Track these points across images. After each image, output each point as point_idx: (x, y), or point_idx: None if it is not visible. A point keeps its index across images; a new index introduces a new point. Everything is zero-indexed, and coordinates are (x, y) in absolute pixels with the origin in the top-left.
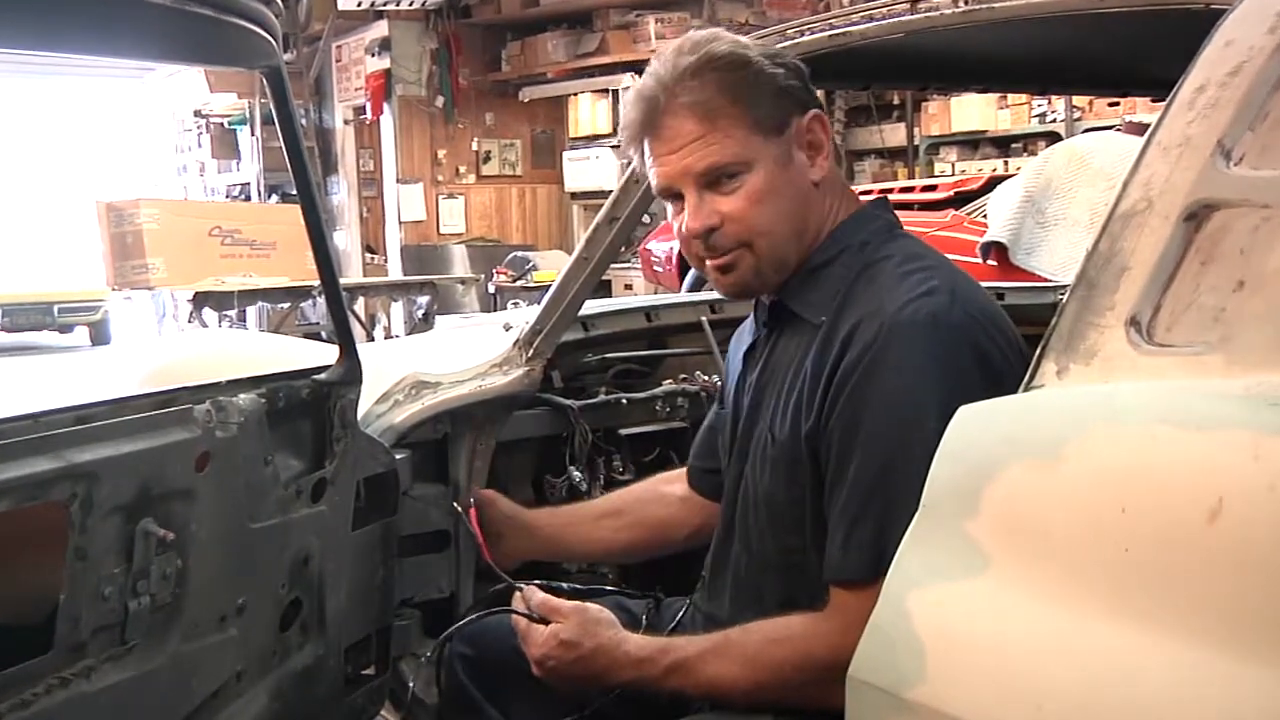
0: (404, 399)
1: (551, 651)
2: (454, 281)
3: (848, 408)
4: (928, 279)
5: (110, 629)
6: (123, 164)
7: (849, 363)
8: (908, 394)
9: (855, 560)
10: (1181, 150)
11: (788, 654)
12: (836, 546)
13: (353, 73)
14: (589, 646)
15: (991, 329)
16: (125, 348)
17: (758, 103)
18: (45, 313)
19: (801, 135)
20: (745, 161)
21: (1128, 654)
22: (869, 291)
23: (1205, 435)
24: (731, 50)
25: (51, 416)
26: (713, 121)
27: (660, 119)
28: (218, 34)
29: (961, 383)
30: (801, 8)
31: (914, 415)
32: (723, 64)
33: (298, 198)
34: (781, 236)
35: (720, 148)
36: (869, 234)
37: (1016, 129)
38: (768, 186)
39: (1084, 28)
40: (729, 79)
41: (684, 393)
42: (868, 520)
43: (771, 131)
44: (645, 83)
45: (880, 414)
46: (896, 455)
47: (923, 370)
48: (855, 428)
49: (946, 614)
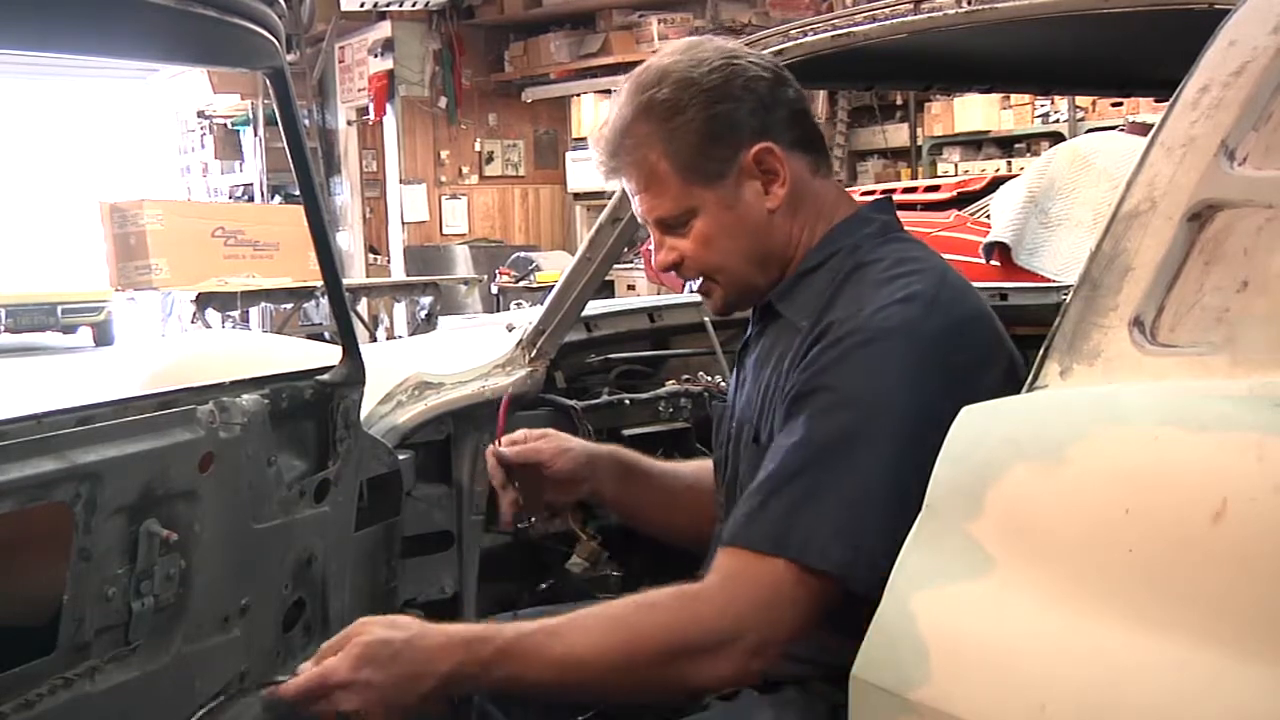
0: (407, 399)
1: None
2: (457, 282)
3: (801, 391)
4: (909, 284)
5: (114, 629)
6: (126, 165)
7: (813, 356)
8: (864, 391)
9: (759, 530)
10: (1185, 150)
11: (666, 618)
12: (742, 513)
13: (356, 73)
14: (401, 638)
15: (967, 341)
16: (129, 348)
17: (696, 153)
18: (49, 313)
19: (750, 169)
20: (687, 210)
21: (1131, 655)
22: (850, 295)
23: (1209, 436)
24: (671, 96)
25: (55, 417)
26: (650, 178)
27: (615, 165)
28: (221, 35)
29: (922, 393)
30: (804, 8)
31: (865, 413)
32: (660, 114)
33: (301, 198)
34: (737, 271)
35: (660, 203)
36: (861, 237)
37: (1020, 129)
38: (714, 230)
39: (1087, 28)
40: (661, 131)
41: (687, 393)
42: (785, 497)
43: (712, 178)
44: (601, 130)
45: (831, 404)
46: (836, 448)
47: (884, 373)
48: (802, 409)
49: (950, 615)
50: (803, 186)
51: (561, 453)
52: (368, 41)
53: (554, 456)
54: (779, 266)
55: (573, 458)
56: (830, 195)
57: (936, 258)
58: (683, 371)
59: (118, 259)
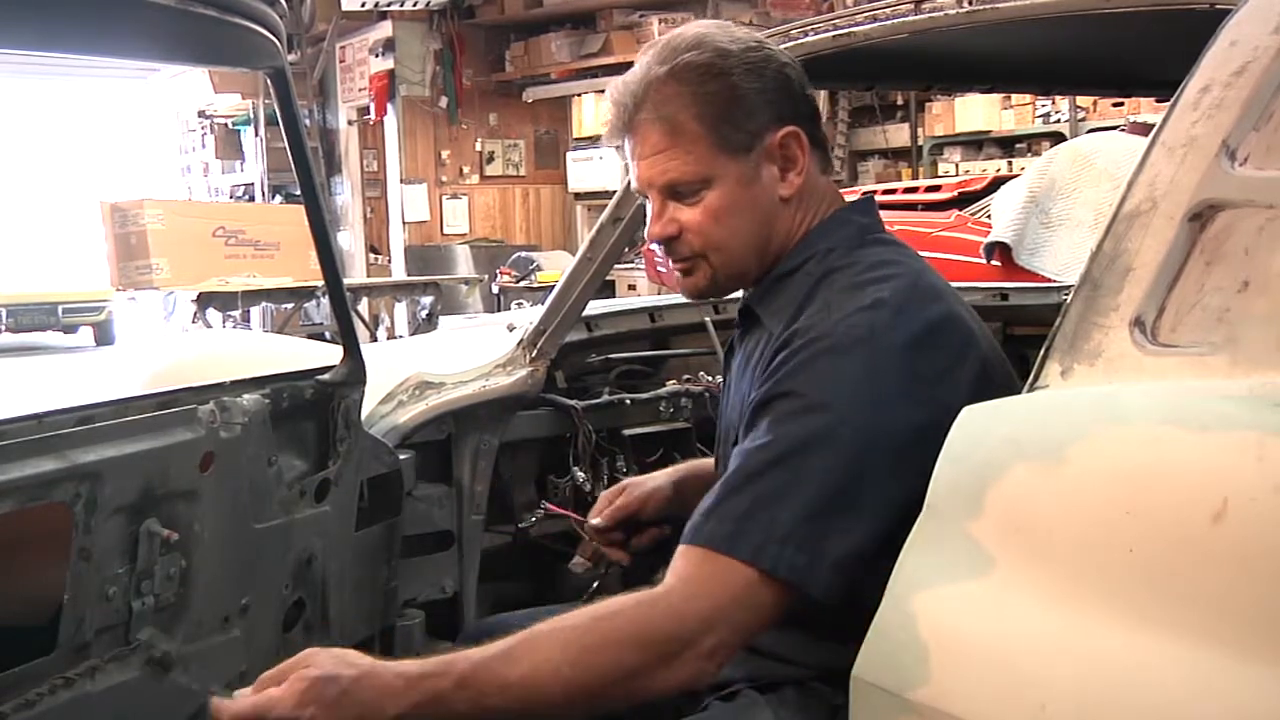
0: (408, 399)
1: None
2: (457, 282)
3: (765, 397)
4: (879, 291)
5: (114, 629)
6: (127, 164)
7: (778, 363)
8: (826, 397)
9: (715, 528)
10: (1186, 150)
11: (623, 627)
12: (701, 512)
13: (356, 73)
14: (349, 675)
15: (934, 347)
16: (129, 348)
17: (725, 120)
18: (50, 313)
19: (774, 151)
20: (704, 179)
21: (1131, 655)
22: (820, 301)
23: (1209, 436)
24: (709, 61)
25: (55, 417)
26: (675, 136)
27: (631, 124)
28: (222, 35)
29: (882, 399)
30: (805, 8)
31: (825, 418)
32: (695, 77)
33: (301, 198)
34: (737, 253)
35: (680, 164)
36: (837, 240)
37: (1021, 129)
38: (726, 204)
39: (1089, 28)
40: (698, 93)
41: (688, 393)
42: (743, 496)
43: (737, 150)
44: (625, 81)
45: (793, 409)
46: (795, 452)
47: (846, 380)
48: (765, 414)
49: (950, 615)
50: (812, 181)
51: (648, 498)
52: (368, 41)
53: (644, 504)
54: (773, 257)
55: (660, 495)
56: (829, 195)
57: (913, 260)
58: (683, 371)
59: (119, 259)
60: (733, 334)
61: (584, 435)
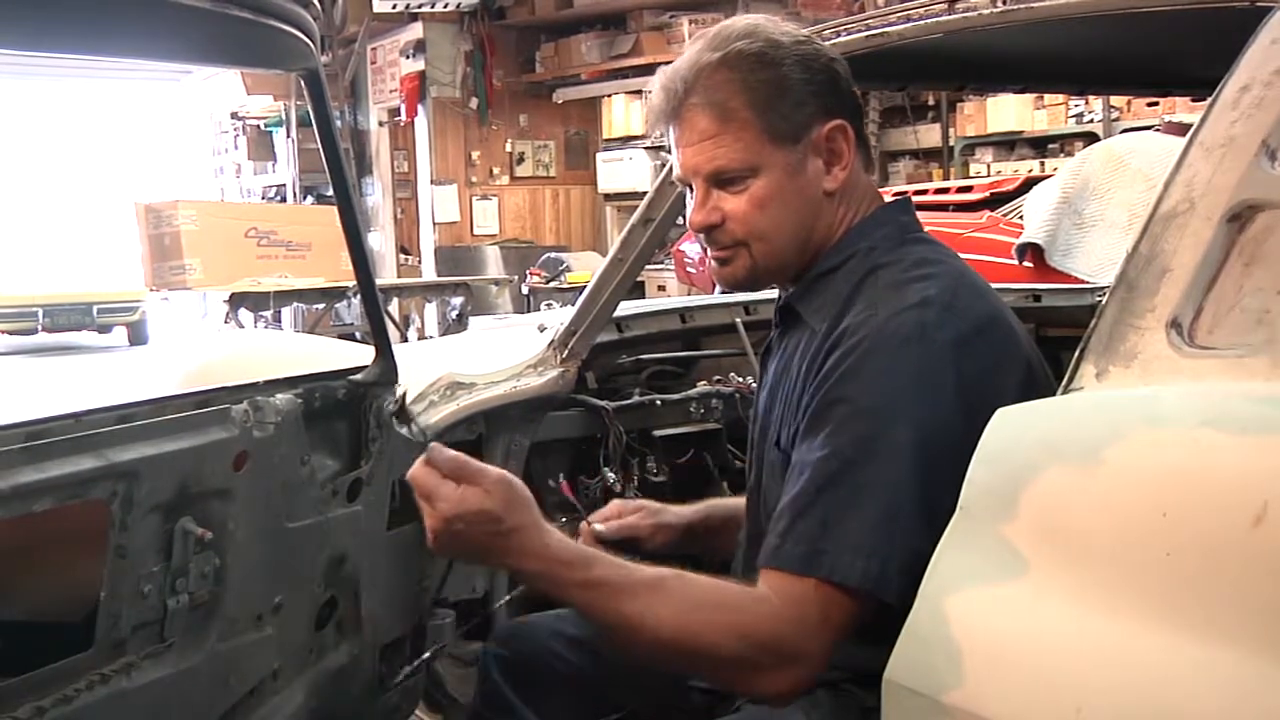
0: (439, 399)
1: (464, 514)
2: (488, 282)
3: (821, 404)
4: (925, 289)
5: (150, 626)
6: (161, 166)
7: (829, 366)
8: (881, 400)
9: (791, 551)
10: (1225, 150)
11: (731, 619)
12: (776, 534)
13: (387, 75)
14: (509, 525)
15: (982, 346)
16: (163, 348)
17: (775, 109)
18: (85, 313)
19: (820, 144)
20: (752, 167)
21: (1167, 659)
22: (865, 299)
23: (1248, 439)
24: (761, 50)
25: (93, 416)
26: (725, 123)
27: (679, 110)
28: (255, 37)
29: (937, 399)
30: (836, 8)
31: (883, 423)
32: (746, 65)
33: (333, 199)
34: (779, 243)
35: (728, 151)
36: (878, 239)
37: (1053, 129)
38: (772, 193)
39: (1124, 27)
40: (750, 81)
41: (718, 394)
42: (814, 514)
43: (785, 139)
44: (674, 68)
45: (850, 415)
46: (859, 458)
47: (900, 381)
48: (823, 423)
49: (984, 618)
50: (855, 177)
51: (658, 529)
52: (399, 43)
53: (652, 534)
54: (814, 251)
55: (671, 531)
56: (870, 193)
57: (954, 259)
58: (714, 372)
59: (152, 259)
60: (770, 334)
61: (615, 436)
